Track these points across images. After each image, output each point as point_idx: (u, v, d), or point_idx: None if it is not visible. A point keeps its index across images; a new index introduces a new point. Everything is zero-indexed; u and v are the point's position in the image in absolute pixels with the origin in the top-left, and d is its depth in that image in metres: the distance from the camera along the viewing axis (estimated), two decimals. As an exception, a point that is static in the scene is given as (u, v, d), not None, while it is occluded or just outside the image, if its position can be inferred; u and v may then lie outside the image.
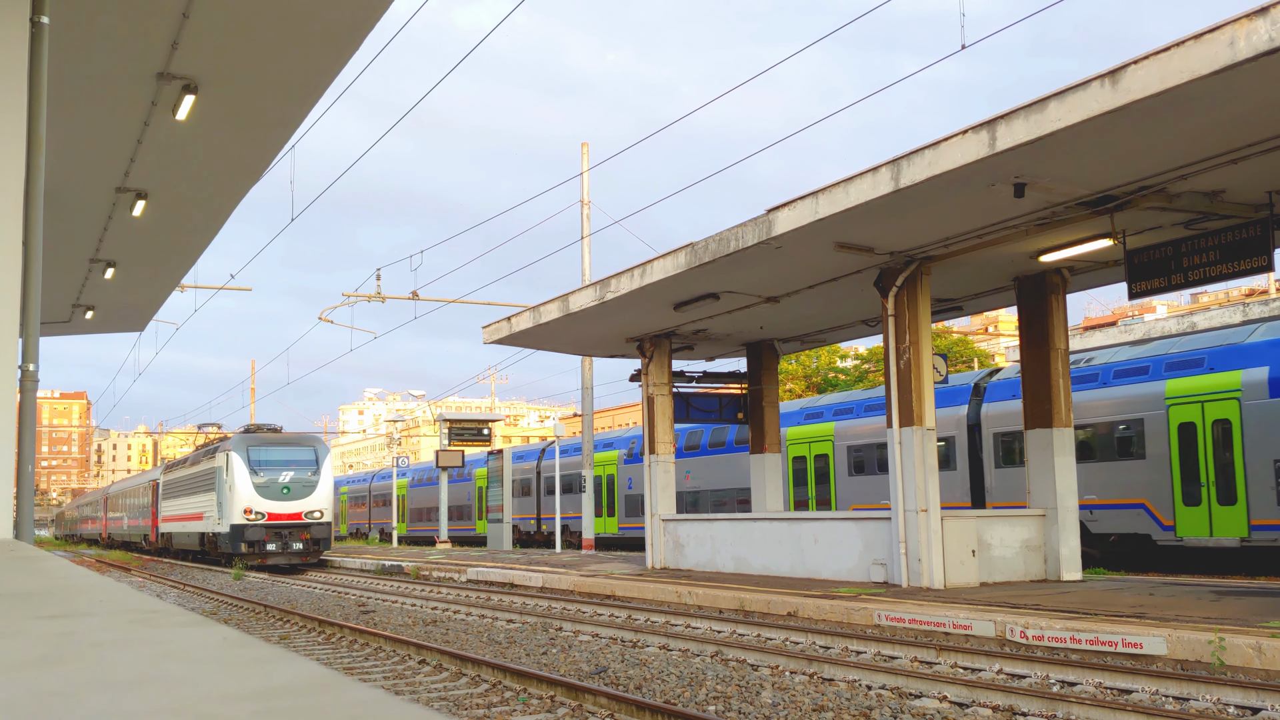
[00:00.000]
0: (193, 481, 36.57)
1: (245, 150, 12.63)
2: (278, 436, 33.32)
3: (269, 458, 31.77)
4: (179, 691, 1.72)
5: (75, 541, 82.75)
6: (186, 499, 37.49)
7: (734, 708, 8.34)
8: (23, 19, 7.63)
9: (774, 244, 14.49)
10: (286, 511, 31.17)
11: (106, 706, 1.62)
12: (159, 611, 2.87)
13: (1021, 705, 8.13)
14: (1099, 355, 22.80)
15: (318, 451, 32.68)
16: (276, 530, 30.95)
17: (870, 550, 16.33)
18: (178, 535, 39.53)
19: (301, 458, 32.22)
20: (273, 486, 31.22)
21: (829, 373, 55.33)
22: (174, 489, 40.39)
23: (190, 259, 17.71)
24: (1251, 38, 8.75)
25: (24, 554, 5.84)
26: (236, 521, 30.78)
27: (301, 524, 31.30)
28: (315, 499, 31.64)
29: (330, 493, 32.35)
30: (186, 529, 37.48)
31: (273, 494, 31.16)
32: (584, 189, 29.81)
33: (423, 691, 9.61)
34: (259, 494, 30.97)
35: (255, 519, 30.85)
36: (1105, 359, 22.17)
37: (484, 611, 16.42)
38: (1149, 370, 20.71)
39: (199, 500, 35.09)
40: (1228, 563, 19.44)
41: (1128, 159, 11.44)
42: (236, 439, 32.57)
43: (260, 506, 30.94)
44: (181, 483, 38.94)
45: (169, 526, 41.29)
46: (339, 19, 9.46)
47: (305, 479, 31.73)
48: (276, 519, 31.04)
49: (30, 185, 7.50)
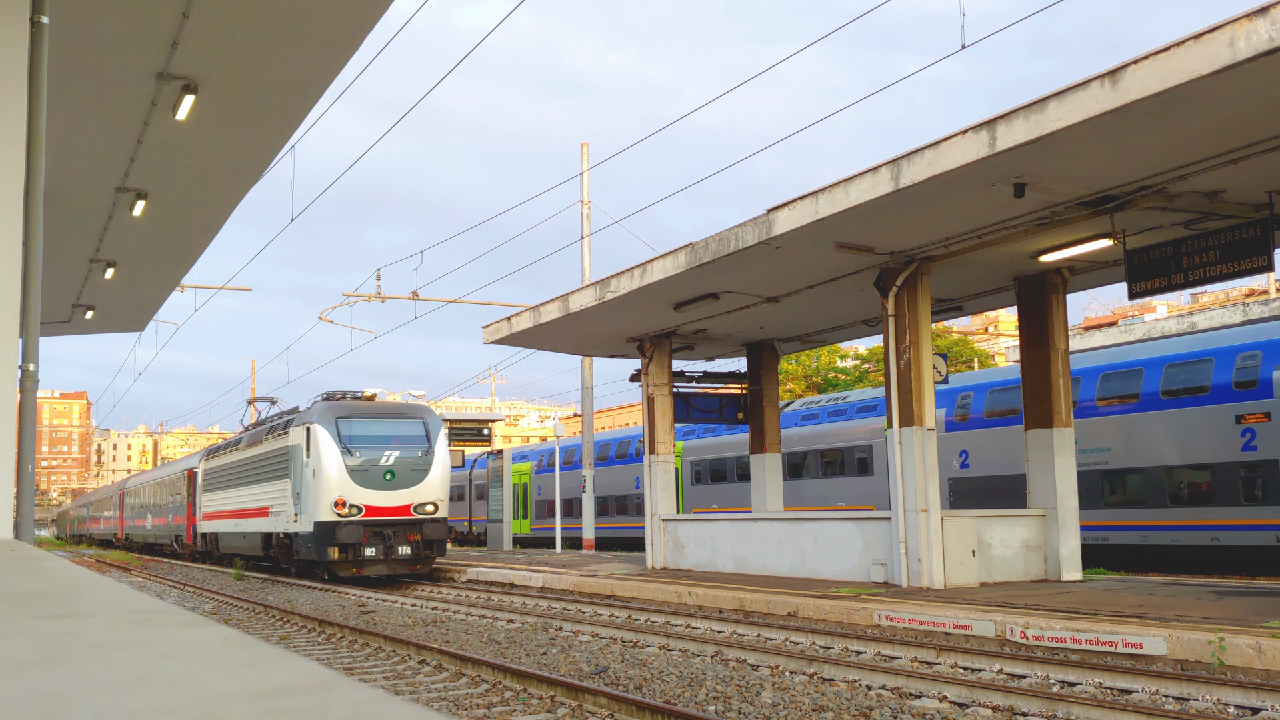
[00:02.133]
0: (252, 468, 28.57)
1: (245, 150, 12.63)
2: (376, 406, 25.16)
3: (366, 433, 23.92)
4: (179, 691, 1.72)
5: (82, 544, 72.75)
6: (242, 490, 29.57)
7: (734, 708, 8.34)
8: (23, 19, 7.63)
9: (774, 244, 14.49)
10: (391, 504, 23.37)
11: (106, 706, 1.62)
12: (159, 611, 2.87)
13: (1021, 705, 8.13)
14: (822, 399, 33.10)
15: (428, 425, 24.73)
16: (378, 529, 23.17)
17: (870, 550, 16.33)
18: (227, 537, 31.39)
19: (408, 433, 24.37)
20: (372, 472, 23.35)
21: (829, 373, 55.33)
22: (222, 478, 32.12)
23: (190, 259, 17.71)
24: (1251, 38, 8.75)
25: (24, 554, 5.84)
26: (324, 518, 23.00)
27: (410, 521, 23.46)
28: (427, 488, 23.84)
29: (446, 480, 24.50)
30: (242, 529, 29.60)
31: (372, 481, 23.31)
32: (584, 189, 29.84)
33: (423, 691, 9.61)
34: (354, 480, 23.10)
35: (349, 514, 22.95)
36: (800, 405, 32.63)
37: (484, 611, 16.43)
38: (846, 412, 29.90)
39: (262, 492, 27.46)
40: None
41: (1128, 159, 11.44)
42: (321, 408, 24.33)
43: (356, 498, 23.06)
44: (234, 470, 30.65)
45: (214, 526, 33.10)
46: (339, 19, 9.46)
47: (414, 460, 23.87)
48: (377, 514, 23.21)
49: (30, 185, 7.50)
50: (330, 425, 23.60)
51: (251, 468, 28.68)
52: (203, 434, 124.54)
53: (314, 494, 23.35)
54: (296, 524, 24.44)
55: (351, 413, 24.13)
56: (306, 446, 23.99)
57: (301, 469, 24.14)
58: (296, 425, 25.00)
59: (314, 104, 11.26)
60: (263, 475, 27.42)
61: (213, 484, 33.38)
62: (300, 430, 24.56)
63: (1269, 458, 17.72)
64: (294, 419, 25.61)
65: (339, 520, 22.90)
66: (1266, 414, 17.84)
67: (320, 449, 23.36)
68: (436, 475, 24.04)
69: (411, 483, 23.66)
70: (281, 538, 25.81)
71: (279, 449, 26.10)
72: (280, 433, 26.33)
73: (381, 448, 23.78)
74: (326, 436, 23.44)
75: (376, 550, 23.07)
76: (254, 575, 28.23)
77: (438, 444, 24.39)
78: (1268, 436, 17.82)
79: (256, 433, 29.44)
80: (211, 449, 35.33)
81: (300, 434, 24.54)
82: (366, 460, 23.41)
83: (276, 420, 28.40)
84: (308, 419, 24.19)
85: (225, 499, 31.58)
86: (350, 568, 23.10)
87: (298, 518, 24.34)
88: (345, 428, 23.67)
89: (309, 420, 24.06)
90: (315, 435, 23.60)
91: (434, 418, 25.24)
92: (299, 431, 24.66)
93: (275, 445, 26.48)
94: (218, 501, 32.54)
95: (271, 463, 26.67)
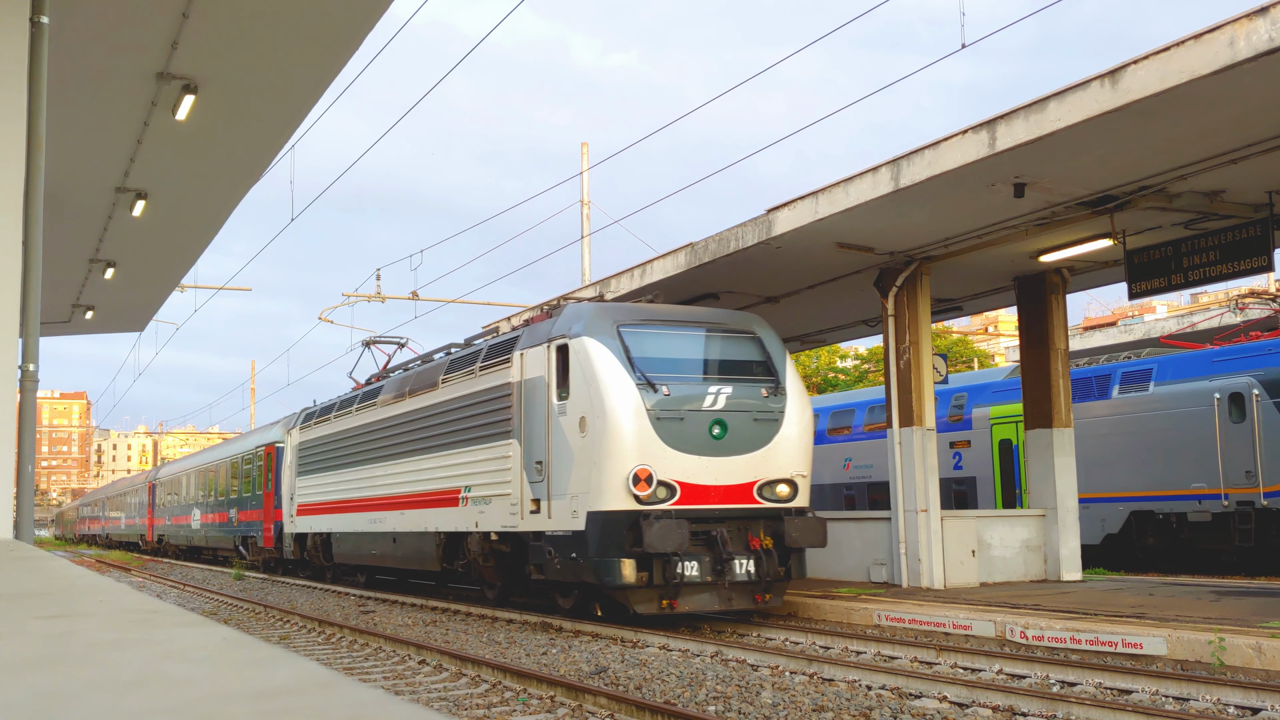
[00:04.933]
0: (417, 428, 17.86)
1: (245, 150, 12.64)
2: (677, 312, 14.69)
3: (672, 354, 13.82)
4: (179, 691, 1.72)
5: (94, 547, 61.87)
6: (389, 467, 18.86)
7: (734, 708, 8.34)
8: (23, 19, 7.64)
9: (774, 244, 14.49)
10: (723, 482, 13.21)
11: (106, 707, 1.62)
12: (159, 611, 2.88)
13: (1021, 705, 8.13)
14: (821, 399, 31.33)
15: (765, 343, 14.38)
16: (703, 528, 12.92)
17: (870, 550, 16.33)
18: (353, 540, 20.68)
19: (738, 356, 14.20)
20: (691, 423, 13.20)
21: (829, 373, 55.35)
22: (340, 451, 21.48)
23: (190, 259, 17.73)
24: (1251, 38, 8.76)
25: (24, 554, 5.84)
26: (610, 506, 12.76)
27: (756, 514, 13.33)
28: (780, 452, 13.61)
29: (807, 438, 13.97)
30: (389, 526, 18.72)
31: (692, 441, 13.15)
32: (584, 189, 29.83)
33: (423, 691, 9.61)
34: (663, 439, 12.97)
35: (655, 499, 12.81)
36: None
37: (484, 611, 16.42)
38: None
39: (442, 465, 16.81)
40: None
41: (1128, 159, 11.44)
42: (590, 313, 13.85)
43: (669, 469, 12.93)
44: (368, 437, 19.97)
45: (321, 524, 22.64)
46: (339, 19, 9.46)
47: (756, 405, 13.68)
48: (701, 500, 13.07)
49: (30, 185, 7.51)
50: (611, 339, 13.17)
51: (415, 428, 17.93)
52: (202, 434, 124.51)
53: (585, 462, 12.88)
54: (536, 518, 13.81)
55: (642, 319, 13.77)
56: (558, 379, 13.59)
57: (548, 420, 13.64)
58: (532, 347, 14.24)
59: (314, 104, 11.27)
60: (442, 437, 16.77)
61: (317, 461, 22.95)
62: (542, 354, 13.90)
63: (970, 475, 22.99)
64: (520, 337, 14.81)
65: (641, 510, 12.51)
66: (968, 442, 23.15)
67: (599, 380, 12.87)
68: (793, 431, 13.50)
69: (755, 444, 13.28)
70: (490, 542, 15.18)
71: (487, 391, 15.32)
72: (495, 362, 15.22)
73: (701, 381, 13.45)
74: (608, 359, 12.98)
75: (700, 567, 12.57)
76: (254, 575, 28.09)
77: (789, 376, 13.90)
78: (970, 458, 23.03)
79: (426, 372, 18.11)
80: (310, 412, 24.56)
81: (541, 360, 13.92)
82: (680, 402, 13.04)
83: (479, 344, 16.75)
84: (563, 332, 13.60)
85: (347, 482, 20.94)
86: (657, 598, 12.64)
87: (540, 506, 13.75)
88: (636, 344, 13.30)
89: (566, 334, 13.50)
90: (585, 358, 13.10)
91: (769, 330, 14.54)
92: (538, 356, 14.00)
93: (477, 386, 15.68)
94: (328, 487, 22.03)
95: (468, 415, 15.89)
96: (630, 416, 12.75)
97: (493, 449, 15.08)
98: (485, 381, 15.50)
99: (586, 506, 12.83)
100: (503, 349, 15.25)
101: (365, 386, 21.76)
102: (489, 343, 16.18)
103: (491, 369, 15.37)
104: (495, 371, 15.23)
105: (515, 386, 14.56)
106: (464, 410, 16.11)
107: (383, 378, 21.34)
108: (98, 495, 72.07)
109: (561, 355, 13.60)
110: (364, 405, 20.61)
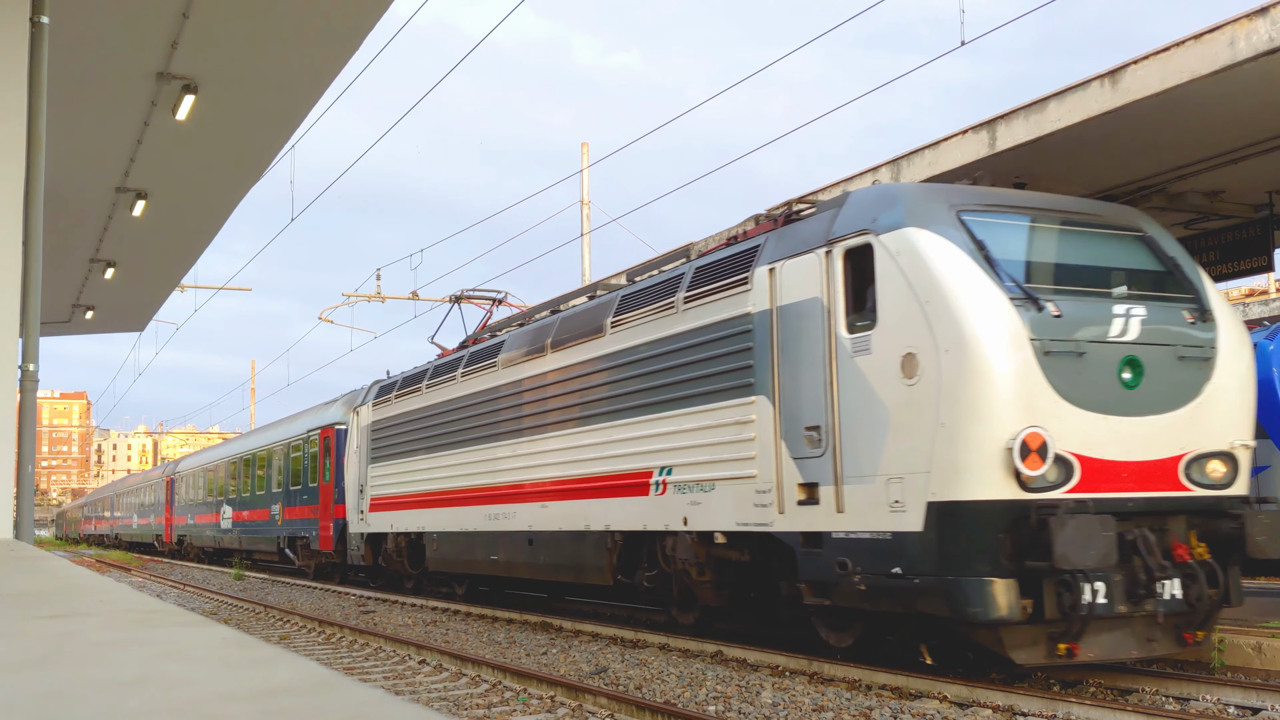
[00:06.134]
0: (589, 381, 12.89)
1: (245, 150, 12.64)
2: (1033, 198, 9.71)
3: (1048, 258, 9.05)
4: (179, 691, 1.72)
5: (103, 549, 55.19)
6: (525, 445, 14.28)
7: (734, 708, 8.34)
8: (23, 19, 7.64)
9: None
10: (1136, 456, 8.22)
11: (106, 707, 1.62)
12: (159, 611, 2.88)
13: (1021, 705, 8.13)
14: None
15: (1166, 251, 9.42)
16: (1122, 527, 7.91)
17: None
18: (447, 538, 16.74)
19: (1139, 264, 9.24)
20: (1095, 365, 8.22)
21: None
22: (438, 428, 17.19)
23: (190, 259, 17.73)
24: (1251, 38, 8.76)
25: (24, 554, 5.84)
26: (980, 494, 7.84)
27: (1187, 503, 8.47)
28: (1215, 410, 8.63)
29: (1252, 386, 8.94)
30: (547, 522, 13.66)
31: (1096, 392, 8.15)
32: (584, 188, 29.83)
33: (423, 691, 9.62)
34: (1055, 388, 7.98)
35: (1045, 482, 7.88)
36: None
37: (484, 610, 16.42)
38: None
39: (619, 439, 12.13)
40: None
41: (1128, 159, 11.44)
42: (915, 195, 9.03)
43: (1067, 434, 7.95)
44: (480, 405, 15.72)
45: (405, 521, 18.28)
46: (339, 19, 9.46)
47: (1180, 338, 8.70)
48: (1110, 482, 8.10)
49: (30, 185, 7.52)
50: (956, 230, 8.62)
51: (567, 392, 13.41)
52: (202, 434, 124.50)
53: (917, 425, 8.32)
54: (810, 511, 9.29)
55: (988, 203, 9.17)
56: (850, 301, 9.13)
57: (832, 364, 9.09)
58: (790, 257, 9.80)
59: (314, 103, 11.28)
60: (617, 401, 12.29)
61: (402, 443, 18.63)
62: (815, 265, 9.46)
63: None
64: (764, 246, 10.34)
65: (1031, 500, 7.94)
66: None
67: (946, 293, 8.26)
68: (1229, 378, 8.87)
69: (1178, 397, 8.63)
70: (713, 546, 10.77)
71: (700, 331, 10.97)
72: (714, 289, 10.87)
73: (1100, 298, 8.82)
74: (957, 260, 8.41)
75: (1109, 590, 8.00)
76: (254, 575, 28.10)
77: (1212, 296, 9.29)
78: None
79: (578, 317, 13.68)
80: (385, 385, 19.89)
81: (812, 274, 9.49)
82: (1075, 326, 8.41)
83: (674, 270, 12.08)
84: (860, 226, 9.05)
85: (449, 467, 16.57)
86: (1046, 639, 8.23)
87: (817, 493, 9.26)
88: (994, 241, 8.66)
89: (870, 227, 8.94)
90: (916, 260, 8.50)
91: (1162, 230, 9.88)
92: (805, 270, 9.58)
93: (679, 326, 11.29)
94: (419, 474, 17.71)
95: (667, 368, 11.46)
96: (1006, 349, 8.08)
97: (715, 412, 10.59)
98: (696, 318, 11.06)
99: (925, 494, 8.21)
100: (729, 268, 10.78)
101: (460, 350, 17.59)
102: (696, 264, 11.52)
103: (707, 298, 10.94)
104: (715, 302, 10.80)
105: (759, 319, 10.09)
106: (657, 361, 11.64)
107: (483, 338, 17.10)
108: (105, 492, 64.93)
109: (857, 262, 9.09)
110: (474, 368, 16.02)
